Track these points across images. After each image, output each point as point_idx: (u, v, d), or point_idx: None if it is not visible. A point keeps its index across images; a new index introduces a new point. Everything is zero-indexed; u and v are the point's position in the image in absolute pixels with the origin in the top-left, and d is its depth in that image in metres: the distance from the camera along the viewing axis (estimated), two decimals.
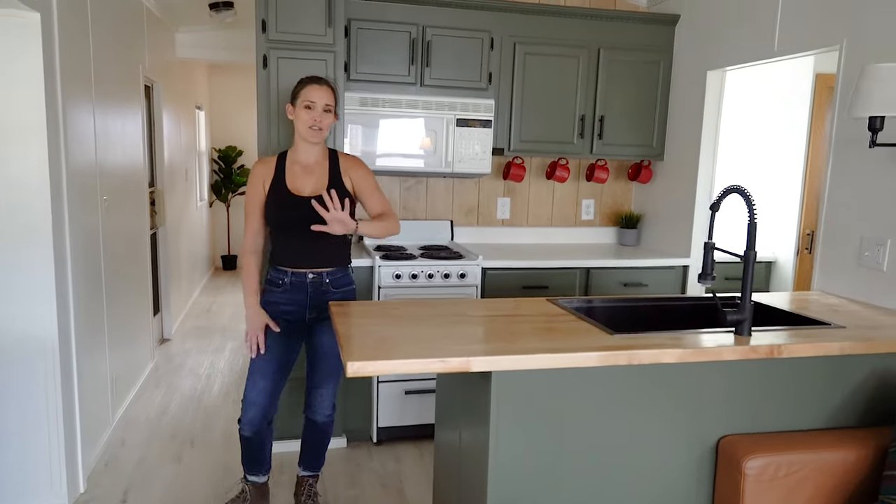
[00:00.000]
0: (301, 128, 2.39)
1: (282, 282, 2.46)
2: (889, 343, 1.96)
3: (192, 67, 6.62)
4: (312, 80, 2.42)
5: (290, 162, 2.46)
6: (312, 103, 2.36)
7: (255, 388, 2.46)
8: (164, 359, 4.69)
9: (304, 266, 2.45)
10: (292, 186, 2.42)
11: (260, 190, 2.45)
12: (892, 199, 2.40)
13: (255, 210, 2.47)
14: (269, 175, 2.44)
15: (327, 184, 2.43)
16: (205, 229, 7.63)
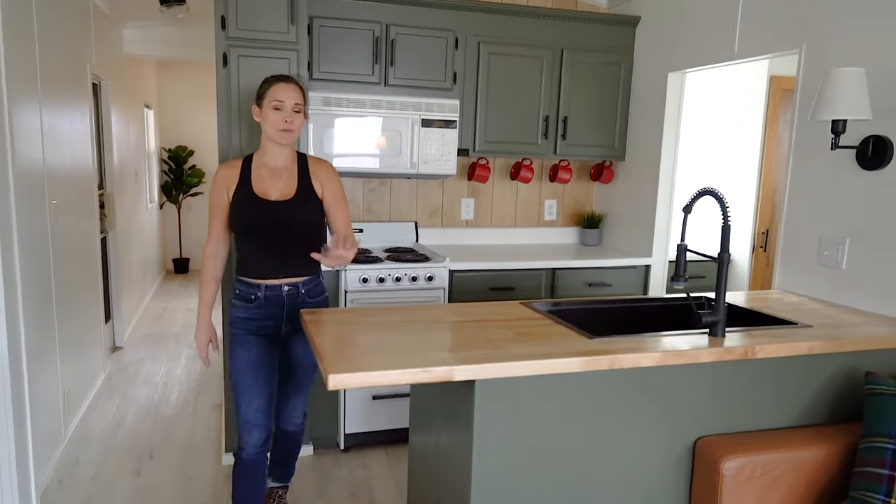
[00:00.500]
0: (270, 130, 2.26)
1: (254, 297, 2.31)
2: (854, 342, 2.01)
3: (140, 64, 6.39)
4: (279, 79, 2.28)
5: (257, 165, 2.33)
6: (281, 103, 2.24)
7: (251, 408, 2.27)
8: (116, 368, 4.51)
9: (276, 276, 2.30)
10: (259, 190, 2.28)
11: (224, 194, 2.31)
12: (850, 199, 2.47)
13: (218, 215, 2.34)
14: (233, 179, 2.31)
15: (296, 188, 2.32)
16: (155, 232, 7.39)
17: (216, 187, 2.34)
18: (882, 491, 1.67)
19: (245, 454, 2.30)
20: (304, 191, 2.32)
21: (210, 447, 3.33)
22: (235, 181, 2.31)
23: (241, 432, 2.30)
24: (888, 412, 1.77)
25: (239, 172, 2.32)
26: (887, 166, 2.33)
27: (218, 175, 2.34)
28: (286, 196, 2.30)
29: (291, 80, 2.30)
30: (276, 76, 2.32)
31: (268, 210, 2.27)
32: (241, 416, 2.29)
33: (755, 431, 1.97)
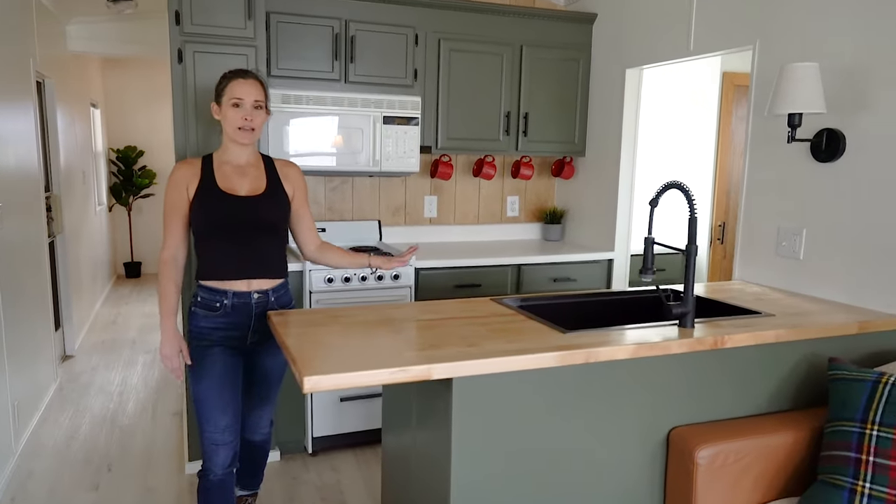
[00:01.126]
0: (229, 128, 2.15)
1: (220, 304, 2.15)
2: (816, 329, 2.07)
3: (85, 62, 6.17)
4: (237, 74, 2.16)
5: (219, 163, 2.21)
6: (240, 100, 2.12)
7: (217, 429, 2.12)
8: (68, 377, 4.34)
9: (244, 277, 2.17)
10: (225, 186, 2.16)
11: (183, 193, 2.15)
12: (806, 191, 2.54)
13: (176, 216, 2.17)
14: (194, 177, 2.16)
15: (265, 185, 2.22)
16: (105, 235, 7.14)
17: (174, 186, 2.17)
18: (849, 473, 1.72)
19: (213, 475, 2.16)
20: (273, 188, 2.23)
21: (172, 457, 3.23)
22: (196, 178, 2.17)
23: (207, 453, 2.15)
24: (852, 396, 1.82)
25: (200, 169, 2.18)
26: (840, 159, 2.40)
27: (176, 173, 2.18)
28: (256, 192, 2.20)
29: (250, 75, 2.19)
30: (233, 71, 2.20)
31: (236, 206, 2.15)
32: (206, 437, 2.14)
33: (726, 420, 2.01)
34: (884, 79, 2.25)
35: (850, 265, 2.39)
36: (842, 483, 1.72)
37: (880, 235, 2.28)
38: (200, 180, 2.17)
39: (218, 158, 2.23)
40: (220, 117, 2.19)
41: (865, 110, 2.31)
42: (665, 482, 1.97)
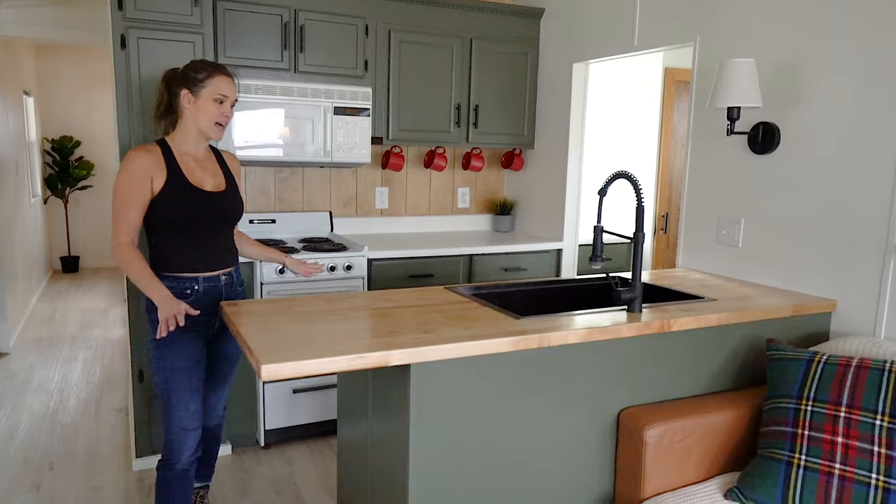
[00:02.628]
0: (204, 122, 2.14)
1: (191, 290, 2.17)
2: (755, 312, 2.17)
3: (14, 47, 5.89)
4: (222, 70, 2.17)
5: (180, 154, 2.18)
6: (225, 97, 2.15)
7: (188, 412, 2.13)
8: (4, 376, 4.17)
9: (215, 268, 2.22)
10: (193, 181, 2.17)
11: (146, 183, 2.08)
12: (744, 181, 2.66)
13: (135, 206, 2.08)
14: (158, 167, 2.11)
15: (225, 181, 2.27)
16: (39, 228, 6.86)
17: (136, 175, 2.08)
18: (786, 447, 1.82)
19: (180, 465, 2.15)
20: (231, 183, 2.30)
21: (117, 453, 3.15)
22: (162, 170, 2.12)
23: (174, 441, 2.14)
24: (788, 375, 1.92)
25: (163, 161, 2.14)
26: (775, 151, 2.52)
27: (136, 161, 2.09)
28: (219, 188, 2.25)
29: (233, 74, 2.22)
30: (218, 67, 2.18)
31: (207, 201, 2.19)
32: (176, 423, 2.13)
33: (673, 400, 2.09)
34: (815, 75, 2.37)
35: (785, 252, 2.51)
36: (779, 456, 1.82)
37: (811, 224, 2.41)
38: (168, 174, 2.13)
39: (176, 149, 2.19)
40: (192, 106, 2.15)
41: (799, 105, 2.43)
42: (616, 461, 2.04)
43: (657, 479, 1.92)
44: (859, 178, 2.25)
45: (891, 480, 1.67)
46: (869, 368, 1.82)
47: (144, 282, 2.07)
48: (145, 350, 2.90)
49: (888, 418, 1.72)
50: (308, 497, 2.79)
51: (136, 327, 2.88)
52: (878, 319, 2.21)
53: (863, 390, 1.78)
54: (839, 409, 1.79)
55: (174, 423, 2.14)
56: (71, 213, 7.71)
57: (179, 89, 2.15)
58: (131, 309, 2.87)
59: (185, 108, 2.15)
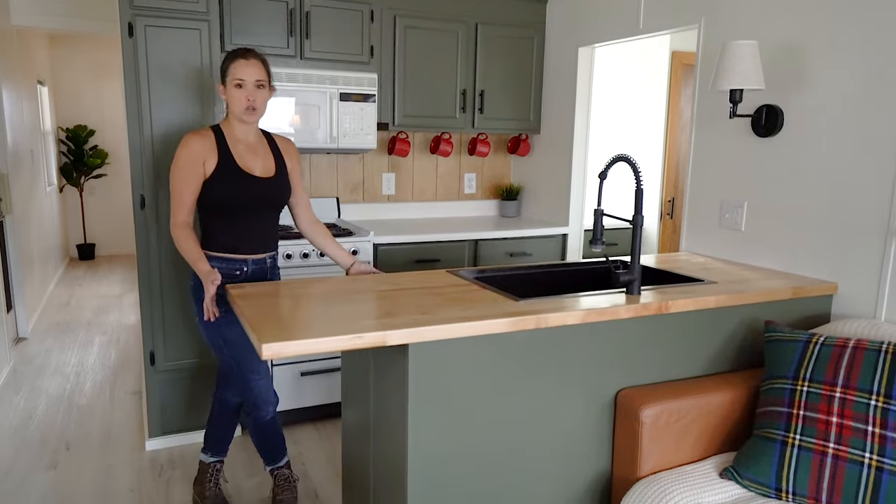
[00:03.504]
0: (236, 108, 2.23)
1: (240, 271, 2.32)
2: (754, 294, 2.18)
3: (29, 37, 5.96)
4: (239, 55, 2.23)
5: (232, 140, 2.29)
6: (242, 81, 2.20)
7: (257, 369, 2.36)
8: (22, 360, 4.27)
9: (261, 251, 2.36)
10: (244, 165, 2.27)
11: (199, 167, 2.22)
12: (747, 165, 2.66)
13: (190, 189, 2.23)
14: (210, 151, 2.24)
15: (274, 165, 2.36)
16: (56, 216, 6.97)
17: (190, 159, 2.22)
18: (781, 427, 1.84)
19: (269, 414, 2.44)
20: (281, 168, 2.38)
21: (131, 435, 3.23)
22: (214, 154, 2.25)
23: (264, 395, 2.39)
24: (785, 356, 1.94)
25: (215, 145, 2.25)
26: (778, 134, 2.52)
27: (189, 146, 2.22)
28: (268, 173, 2.34)
29: (251, 55, 2.26)
30: (235, 52, 2.25)
31: (255, 186, 2.29)
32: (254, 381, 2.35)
33: (671, 381, 2.12)
34: (819, 57, 2.36)
35: (788, 235, 2.51)
36: (774, 436, 1.84)
37: (813, 207, 2.41)
38: (219, 157, 2.25)
39: (228, 134, 2.30)
40: (226, 97, 2.26)
41: (802, 87, 2.42)
42: (613, 440, 2.07)
43: (653, 458, 1.95)
44: (861, 161, 2.24)
45: (884, 459, 1.68)
46: (865, 349, 1.83)
47: (197, 261, 2.20)
48: (157, 334, 2.97)
49: (883, 398, 1.73)
50: (315, 476, 2.85)
51: (149, 312, 2.94)
52: (879, 302, 2.22)
53: (858, 371, 1.79)
54: (834, 389, 1.80)
55: (260, 381, 2.35)
56: (86, 202, 7.82)
57: (217, 84, 2.31)
58: (143, 294, 2.93)
59: (224, 98, 2.28)
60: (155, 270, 2.92)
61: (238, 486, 2.78)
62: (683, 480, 1.87)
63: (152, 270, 2.91)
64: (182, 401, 3.08)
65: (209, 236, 2.32)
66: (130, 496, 2.69)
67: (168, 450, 3.05)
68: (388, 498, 1.96)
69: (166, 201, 2.88)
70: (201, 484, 2.60)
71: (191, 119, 2.88)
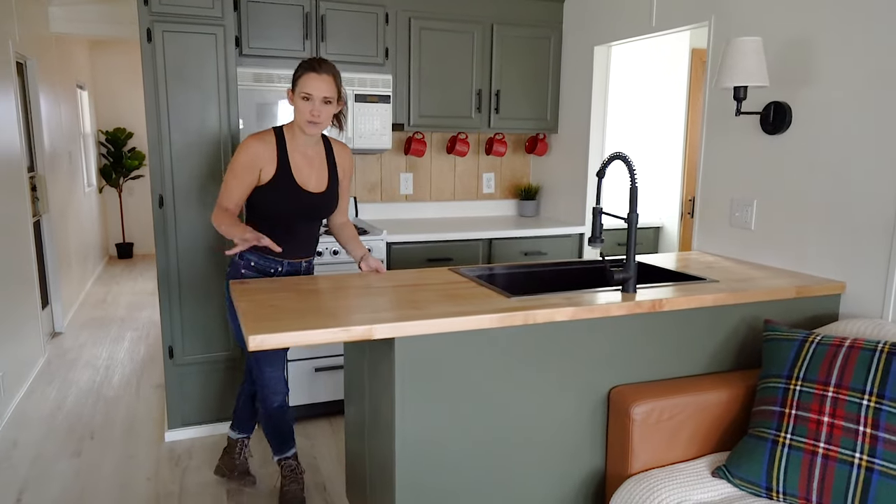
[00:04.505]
0: (299, 119, 2.28)
1: (275, 270, 2.42)
2: (755, 293, 2.16)
3: (69, 43, 6.21)
4: (311, 68, 2.24)
5: (291, 148, 2.35)
6: (309, 95, 2.22)
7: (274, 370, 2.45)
8: (56, 353, 4.45)
9: (299, 255, 2.45)
10: (300, 180, 2.35)
11: (255, 172, 2.29)
12: (756, 163, 2.62)
13: (240, 188, 2.29)
14: (269, 159, 2.30)
15: (327, 179, 2.42)
16: (95, 216, 7.23)
17: (247, 163, 2.28)
18: (773, 426, 1.82)
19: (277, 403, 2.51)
20: (333, 183, 2.46)
21: (152, 426, 3.34)
22: (273, 163, 2.31)
23: (273, 385, 2.46)
24: (781, 355, 1.91)
25: (276, 153, 2.31)
26: (787, 131, 2.48)
27: (249, 150, 2.28)
28: (320, 188, 2.41)
29: (324, 70, 2.24)
30: (309, 63, 2.25)
31: (307, 201, 2.37)
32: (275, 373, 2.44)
33: (666, 380, 2.11)
34: (827, 53, 2.32)
35: (796, 234, 2.47)
36: (766, 435, 1.82)
37: (821, 205, 2.36)
38: (278, 167, 2.32)
39: (290, 140, 2.36)
40: (292, 104, 2.31)
41: (810, 84, 2.38)
42: (607, 438, 2.07)
43: (645, 455, 1.94)
44: (868, 157, 2.20)
45: (874, 460, 1.65)
46: (861, 349, 1.80)
47: (231, 228, 2.17)
48: (176, 329, 3.07)
49: (875, 398, 1.70)
50: (324, 470, 2.92)
51: (167, 307, 3.05)
52: (886, 301, 2.17)
53: (852, 370, 1.76)
54: (827, 388, 1.78)
55: (264, 372, 2.43)
56: (125, 202, 8.08)
57: (287, 90, 2.34)
58: (162, 290, 3.03)
59: (291, 104, 2.32)
60: (174, 267, 3.02)
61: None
62: (674, 478, 1.86)
63: (171, 267, 3.02)
64: (200, 393, 3.18)
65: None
66: (147, 484, 2.79)
67: (186, 440, 3.15)
68: (381, 491, 2.00)
69: (184, 200, 2.98)
70: (230, 455, 2.77)
71: (207, 121, 2.98)
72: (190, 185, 2.98)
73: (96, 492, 2.73)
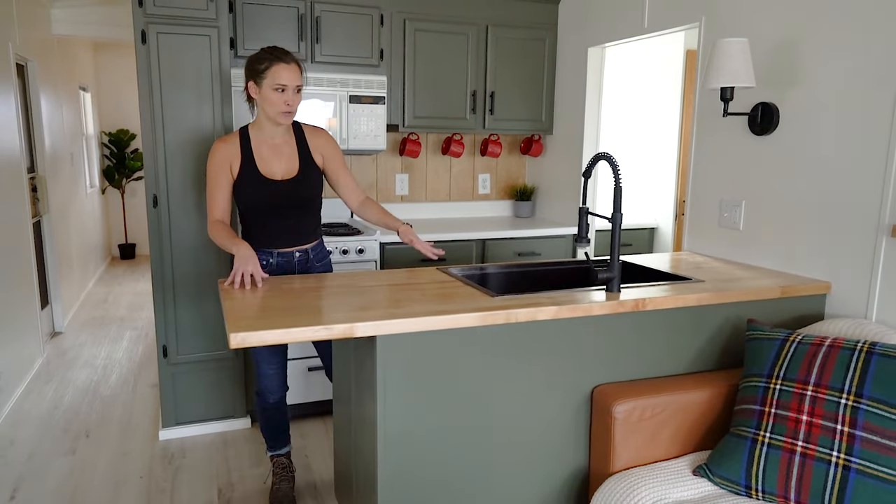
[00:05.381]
0: (271, 111, 2.28)
1: (267, 262, 2.43)
2: (739, 293, 2.17)
3: (72, 45, 6.25)
4: (279, 59, 2.24)
5: (256, 142, 2.37)
6: (284, 86, 2.25)
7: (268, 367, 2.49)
8: (55, 353, 4.49)
9: (288, 245, 2.44)
10: (264, 170, 2.37)
11: (226, 172, 2.35)
12: (744, 164, 2.63)
13: (221, 192, 2.36)
14: (235, 157, 2.35)
15: (299, 165, 2.42)
16: (97, 217, 7.28)
17: (216, 165, 2.35)
18: (753, 424, 1.83)
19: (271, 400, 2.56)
20: (306, 167, 2.43)
21: (147, 424, 3.37)
22: (238, 159, 2.36)
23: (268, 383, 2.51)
24: (762, 354, 1.92)
25: (239, 150, 2.36)
26: (774, 132, 2.49)
27: (217, 153, 2.35)
28: (290, 174, 2.40)
29: (291, 59, 2.27)
30: (274, 54, 2.26)
31: (274, 190, 2.37)
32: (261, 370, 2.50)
33: (650, 379, 2.12)
34: (814, 54, 2.32)
35: (784, 234, 2.48)
36: (746, 434, 1.83)
37: (808, 206, 2.37)
38: (242, 161, 2.35)
39: (255, 136, 2.39)
40: (258, 97, 2.31)
41: (797, 85, 2.39)
42: (590, 437, 2.09)
43: (627, 453, 1.96)
44: (853, 158, 2.21)
45: (851, 458, 1.66)
46: (840, 348, 1.80)
47: (226, 242, 2.24)
48: (170, 328, 3.10)
49: (853, 397, 1.71)
50: (316, 468, 2.94)
51: (161, 307, 3.07)
52: (870, 301, 2.18)
53: (831, 370, 1.77)
54: (806, 387, 1.78)
55: (262, 369, 2.49)
56: (127, 203, 8.13)
57: (247, 80, 2.32)
58: (156, 289, 3.06)
59: (254, 97, 2.32)
60: (168, 266, 3.05)
61: (243, 475, 2.88)
62: (655, 476, 1.88)
63: (165, 267, 3.04)
64: (194, 392, 3.20)
65: (243, 230, 2.48)
66: (140, 482, 2.82)
67: (180, 439, 3.18)
68: (365, 490, 2.02)
69: (178, 200, 3.01)
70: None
71: (202, 122, 3.00)
72: (184, 185, 3.01)
73: (90, 489, 2.76)
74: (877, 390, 1.69)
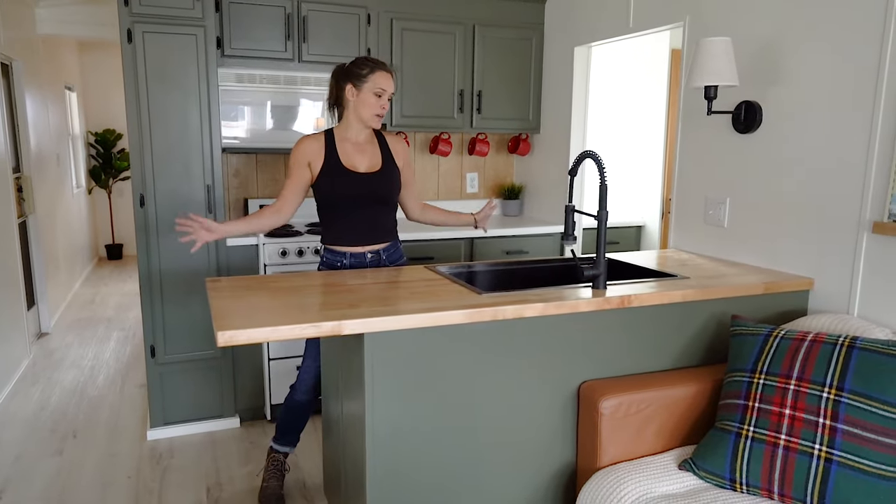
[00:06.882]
0: (366, 113, 2.40)
1: (340, 263, 2.48)
2: (723, 289, 2.19)
3: (57, 45, 6.21)
4: (383, 67, 2.41)
5: (340, 139, 2.46)
6: (384, 91, 2.39)
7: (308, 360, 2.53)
8: (42, 354, 4.46)
9: (362, 244, 2.48)
10: (347, 164, 2.43)
11: (305, 168, 2.43)
12: (728, 161, 2.66)
13: (294, 185, 2.44)
14: (318, 152, 2.43)
15: (381, 161, 2.49)
16: (84, 217, 7.23)
17: (295, 160, 2.44)
18: (737, 419, 1.85)
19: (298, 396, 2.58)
20: (388, 164, 2.51)
21: (135, 425, 3.36)
22: (321, 155, 2.43)
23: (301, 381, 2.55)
24: (746, 349, 1.95)
25: (324, 145, 2.44)
26: (757, 130, 2.52)
27: (300, 148, 2.44)
28: (373, 168, 2.47)
29: (391, 69, 2.45)
30: (379, 63, 2.42)
31: (355, 180, 2.42)
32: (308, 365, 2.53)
33: (636, 374, 2.14)
34: (795, 53, 2.35)
35: (768, 231, 2.51)
36: (730, 428, 1.85)
37: (791, 203, 2.40)
38: (325, 157, 2.42)
39: (339, 135, 2.48)
40: (354, 99, 2.41)
41: (779, 83, 2.42)
42: (577, 432, 2.10)
43: (613, 448, 1.98)
44: (835, 156, 2.24)
45: (833, 451, 1.69)
46: (822, 343, 1.83)
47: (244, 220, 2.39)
48: (157, 328, 3.09)
49: (835, 391, 1.74)
50: (304, 467, 2.94)
51: (149, 307, 3.07)
52: (852, 297, 2.21)
53: (813, 364, 1.80)
54: (789, 381, 1.81)
55: (303, 363, 2.53)
56: (114, 203, 8.08)
57: (345, 84, 2.42)
58: (143, 289, 3.05)
59: (349, 100, 2.43)
60: (155, 266, 3.04)
61: (232, 475, 2.88)
62: (641, 471, 1.90)
63: (152, 267, 3.04)
64: (182, 392, 3.20)
65: (324, 229, 2.51)
66: (128, 483, 2.81)
67: (168, 440, 3.17)
68: (354, 487, 2.03)
69: (165, 200, 3.00)
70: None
71: (188, 121, 3.00)
72: (171, 185, 3.00)
73: (77, 490, 2.74)
74: (858, 384, 1.72)
